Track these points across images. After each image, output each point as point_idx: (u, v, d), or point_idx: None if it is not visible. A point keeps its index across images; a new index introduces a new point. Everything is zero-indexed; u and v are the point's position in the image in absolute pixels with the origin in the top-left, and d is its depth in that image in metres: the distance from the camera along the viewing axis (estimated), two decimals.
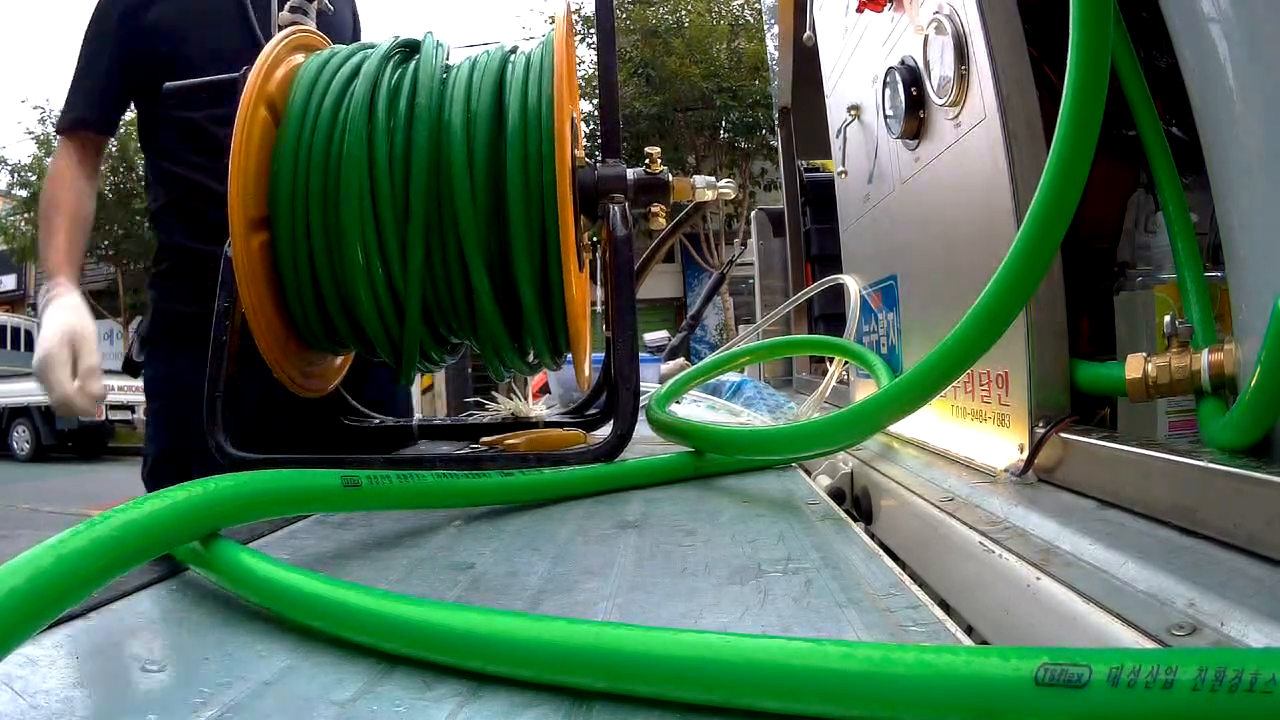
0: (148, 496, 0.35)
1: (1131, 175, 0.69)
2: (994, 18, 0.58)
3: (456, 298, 0.66)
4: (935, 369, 0.47)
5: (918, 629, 0.31)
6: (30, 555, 0.28)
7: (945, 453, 0.67)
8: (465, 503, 0.55)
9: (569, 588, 0.39)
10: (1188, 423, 0.56)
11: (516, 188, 0.62)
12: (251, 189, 0.62)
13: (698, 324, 2.25)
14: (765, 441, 0.64)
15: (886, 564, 0.41)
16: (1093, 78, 0.40)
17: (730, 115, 9.60)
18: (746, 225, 2.26)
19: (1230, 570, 0.33)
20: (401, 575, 0.42)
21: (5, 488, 6.66)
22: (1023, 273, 0.43)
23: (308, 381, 0.74)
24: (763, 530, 0.48)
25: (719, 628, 0.32)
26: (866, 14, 0.82)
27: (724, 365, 1.01)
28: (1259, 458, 0.39)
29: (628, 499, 0.61)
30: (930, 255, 0.74)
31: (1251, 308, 0.41)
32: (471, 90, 0.65)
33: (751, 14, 9.34)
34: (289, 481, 0.43)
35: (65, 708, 0.27)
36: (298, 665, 0.30)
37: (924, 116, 0.71)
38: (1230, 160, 0.41)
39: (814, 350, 1.09)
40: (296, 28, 0.72)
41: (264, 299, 0.65)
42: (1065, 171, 0.41)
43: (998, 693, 0.22)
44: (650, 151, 0.71)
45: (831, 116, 1.06)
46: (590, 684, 0.27)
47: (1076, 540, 0.41)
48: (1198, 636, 0.29)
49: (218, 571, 0.37)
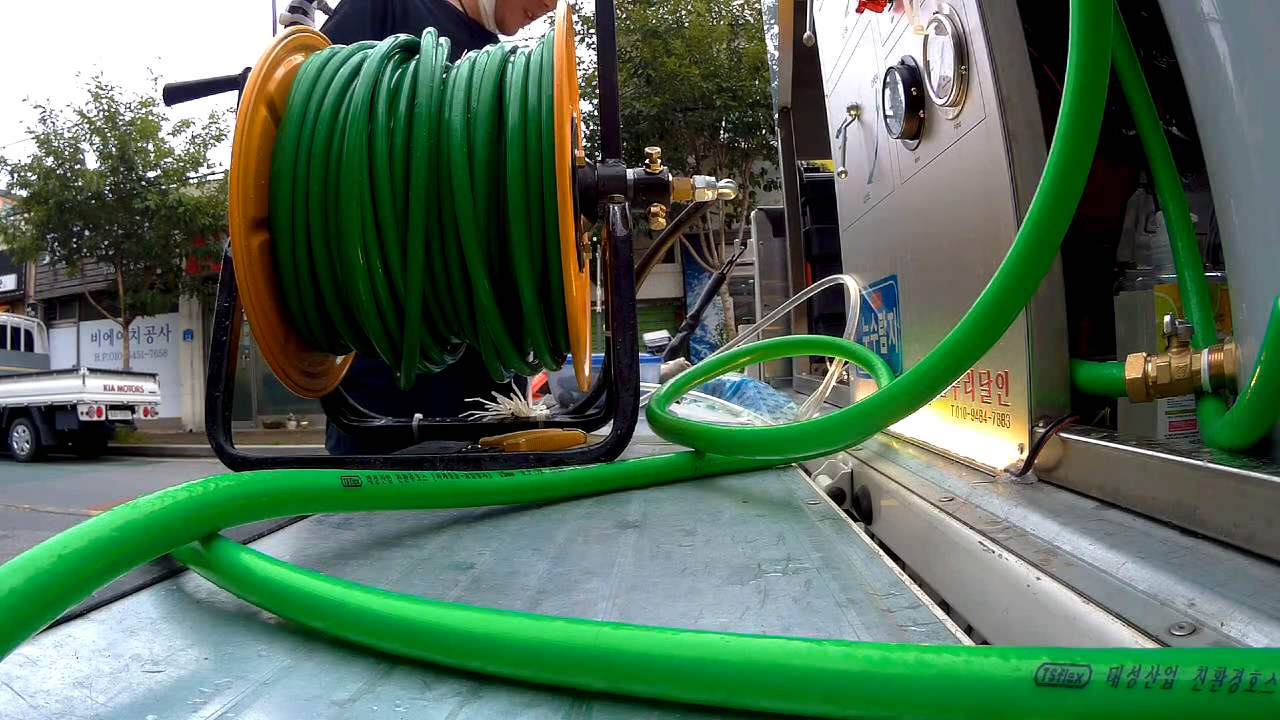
0: (148, 497, 0.35)
1: (1131, 175, 0.69)
2: (994, 18, 0.58)
3: (456, 298, 0.66)
4: (935, 369, 0.47)
5: (918, 629, 0.31)
6: (30, 555, 0.28)
7: (945, 453, 0.67)
8: (465, 503, 0.55)
9: (569, 588, 0.39)
10: (1188, 423, 0.56)
11: (516, 188, 0.62)
12: (251, 189, 0.62)
13: (697, 324, 2.25)
14: (765, 441, 0.64)
15: (886, 564, 0.41)
16: (1093, 78, 0.40)
17: (730, 115, 9.60)
18: (746, 225, 2.26)
19: (1230, 570, 0.33)
20: (401, 575, 0.42)
21: (5, 488, 6.66)
22: (1023, 273, 0.43)
23: (308, 381, 0.74)
24: (763, 530, 0.48)
25: (719, 628, 0.32)
26: (866, 14, 0.82)
27: (724, 365, 1.01)
28: (1259, 458, 0.39)
29: (628, 499, 0.61)
30: (930, 255, 0.74)
31: (1251, 308, 0.41)
32: (471, 90, 0.65)
33: (751, 14, 9.33)
34: (289, 481, 0.43)
35: (65, 708, 0.27)
36: (298, 665, 0.30)
37: (924, 116, 0.71)
38: (1230, 160, 0.41)
39: (814, 350, 1.09)
40: (297, 28, 0.72)
41: (264, 299, 0.65)
42: (1065, 171, 0.41)
43: (998, 693, 0.22)
44: (650, 151, 0.71)
45: (831, 116, 1.06)
46: (590, 684, 0.27)
47: (1076, 540, 0.41)
48: (1198, 636, 0.29)
49: (218, 571, 0.37)
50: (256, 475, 0.41)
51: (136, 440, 10.53)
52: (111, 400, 9.41)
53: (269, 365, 0.68)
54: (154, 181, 11.42)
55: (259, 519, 0.44)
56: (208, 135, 11.87)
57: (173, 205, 11.15)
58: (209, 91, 0.86)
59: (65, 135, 11.49)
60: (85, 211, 11.24)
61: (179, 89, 0.84)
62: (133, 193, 11.17)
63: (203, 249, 11.49)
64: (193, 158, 11.82)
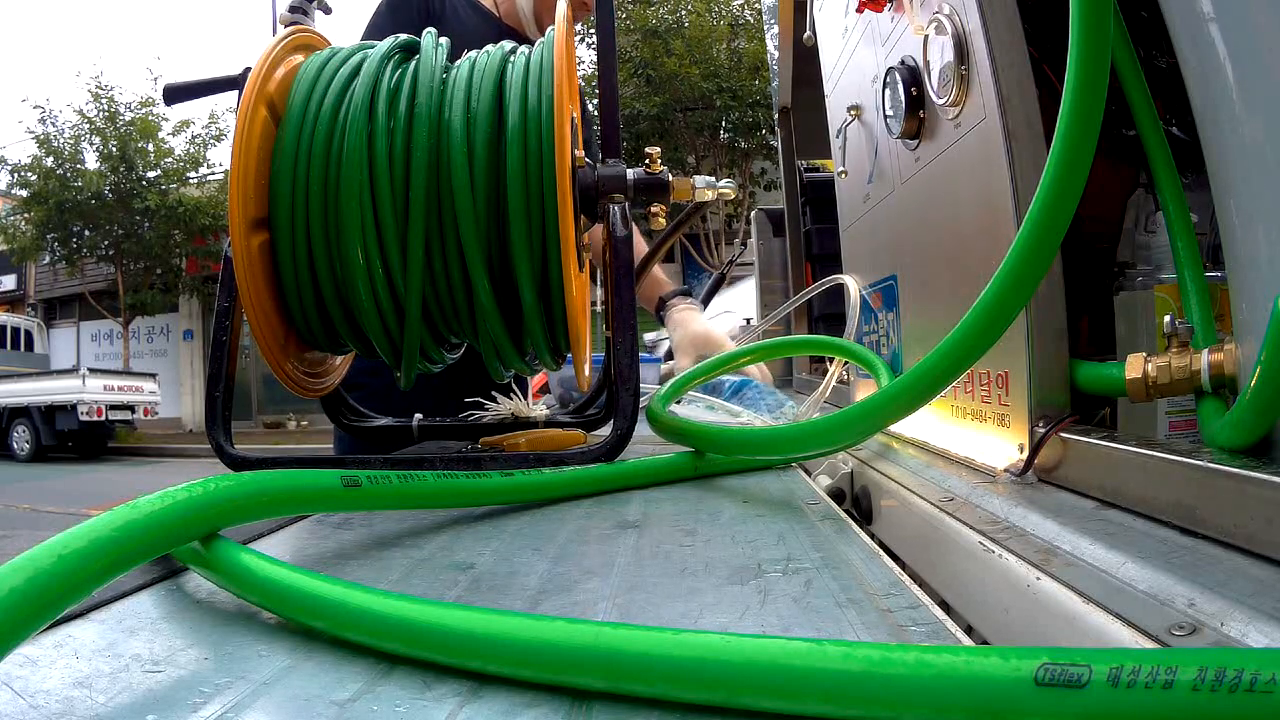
0: (148, 497, 0.35)
1: (1131, 175, 0.69)
2: (994, 18, 0.58)
3: (456, 298, 0.66)
4: (936, 369, 0.47)
5: (918, 629, 0.31)
6: (30, 555, 0.28)
7: (945, 453, 0.67)
8: (465, 503, 0.55)
9: (569, 588, 0.39)
10: (1188, 423, 0.56)
11: (516, 188, 0.62)
12: (251, 189, 0.62)
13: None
14: (765, 441, 0.64)
15: (886, 564, 0.41)
16: (1093, 78, 0.40)
17: (730, 115, 9.60)
18: (746, 225, 2.25)
19: (1230, 570, 0.33)
20: (401, 575, 0.42)
21: (5, 488, 6.66)
22: (1023, 272, 0.43)
23: (308, 381, 0.75)
24: (763, 530, 0.48)
25: (719, 628, 0.32)
26: (866, 14, 0.82)
27: (724, 366, 1.01)
28: (1259, 458, 0.39)
29: (628, 499, 0.61)
30: (930, 255, 0.74)
31: (1251, 308, 0.41)
32: (472, 90, 0.65)
33: (751, 14, 9.34)
34: (289, 481, 0.43)
35: (65, 708, 0.27)
36: (298, 665, 0.30)
37: (924, 116, 0.71)
38: (1230, 160, 0.41)
39: (814, 350, 1.09)
40: (297, 28, 0.72)
41: (264, 299, 0.65)
42: (1065, 171, 0.41)
43: (998, 693, 0.22)
44: (650, 151, 0.71)
45: (831, 116, 1.06)
46: (590, 684, 0.27)
47: (1076, 540, 0.41)
48: (1198, 636, 0.29)
49: (218, 571, 0.37)
50: (256, 475, 0.41)
51: (136, 440, 10.54)
52: (111, 400, 9.42)
53: (269, 365, 0.68)
54: (154, 181, 11.43)
55: (259, 519, 0.44)
56: (208, 135, 11.89)
57: (173, 205, 11.16)
58: (209, 91, 0.86)
59: (65, 135, 11.50)
60: (85, 211, 11.25)
61: (179, 89, 0.84)
62: (133, 193, 11.17)
63: (203, 249, 11.50)
64: (193, 158, 11.84)
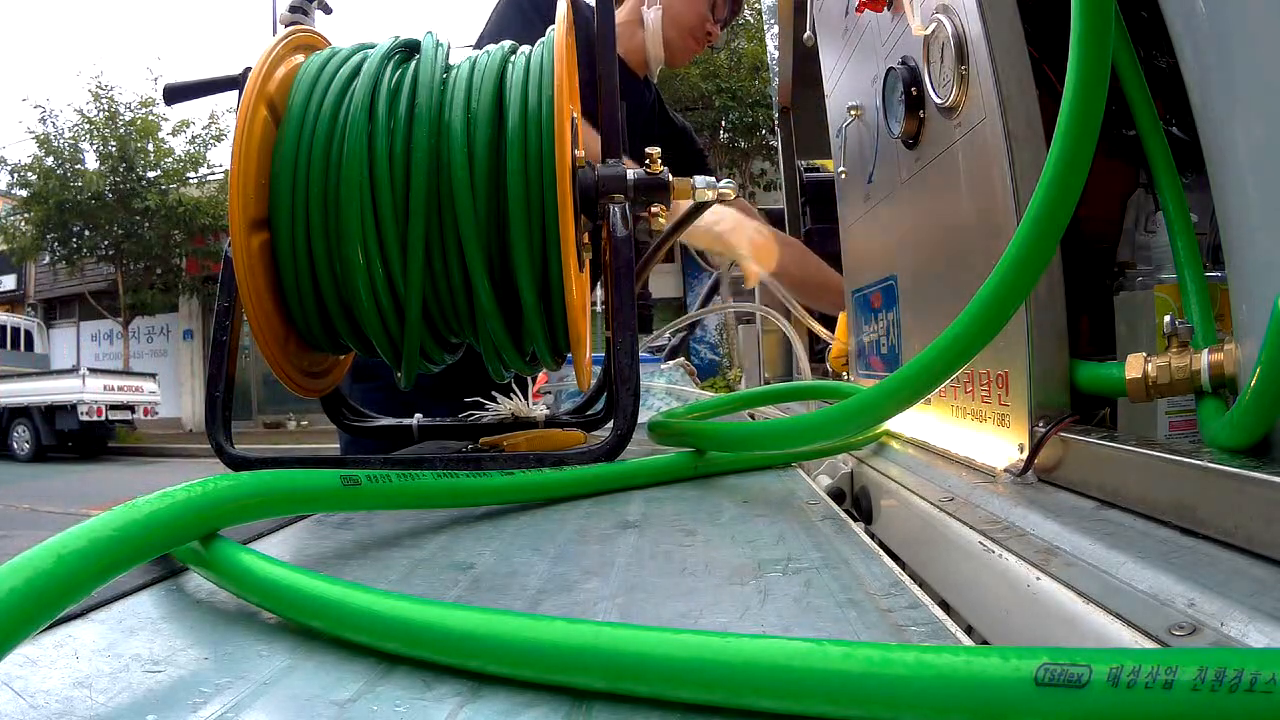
0: (148, 497, 0.35)
1: (1131, 175, 0.69)
2: (994, 18, 0.58)
3: (456, 298, 0.66)
4: (936, 362, 0.46)
5: (918, 629, 0.31)
6: (30, 555, 0.28)
7: (945, 453, 0.67)
8: (465, 503, 0.55)
9: (569, 588, 0.39)
10: (1188, 423, 0.56)
11: (516, 188, 0.62)
12: (251, 189, 0.62)
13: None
14: (766, 435, 0.64)
15: (886, 564, 0.41)
16: (1093, 78, 0.40)
17: (730, 115, 9.60)
18: None
19: (1230, 570, 0.33)
20: (401, 575, 0.42)
21: (5, 488, 6.66)
22: (1023, 268, 0.43)
23: (308, 381, 0.75)
24: (763, 530, 0.48)
25: (719, 628, 0.32)
26: (866, 14, 0.82)
27: (724, 407, 1.01)
28: (1259, 458, 0.39)
29: (628, 499, 0.61)
30: (930, 255, 0.74)
31: (1251, 308, 0.41)
32: (472, 90, 0.65)
33: (751, 14, 9.32)
34: (289, 481, 0.43)
35: (65, 708, 0.27)
36: (298, 665, 0.30)
37: (924, 116, 0.71)
38: (1230, 160, 0.41)
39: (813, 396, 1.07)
40: (297, 28, 0.72)
41: (264, 299, 0.65)
42: (1065, 171, 0.41)
43: (998, 693, 0.22)
44: (650, 151, 0.71)
45: (831, 116, 1.06)
46: (590, 684, 0.27)
47: (1076, 540, 0.41)
48: (1198, 636, 0.29)
49: (218, 571, 0.37)
50: (256, 475, 0.41)
51: (136, 440, 10.54)
52: (111, 400, 9.42)
53: (269, 365, 0.68)
54: (154, 181, 11.44)
55: (259, 519, 0.44)
56: (208, 135, 11.89)
57: (173, 205, 11.17)
58: (209, 91, 0.86)
59: (65, 135, 11.50)
60: (85, 211, 11.25)
61: (179, 89, 0.84)
62: (133, 193, 11.18)
63: (203, 249, 11.50)
64: (193, 158, 11.84)
